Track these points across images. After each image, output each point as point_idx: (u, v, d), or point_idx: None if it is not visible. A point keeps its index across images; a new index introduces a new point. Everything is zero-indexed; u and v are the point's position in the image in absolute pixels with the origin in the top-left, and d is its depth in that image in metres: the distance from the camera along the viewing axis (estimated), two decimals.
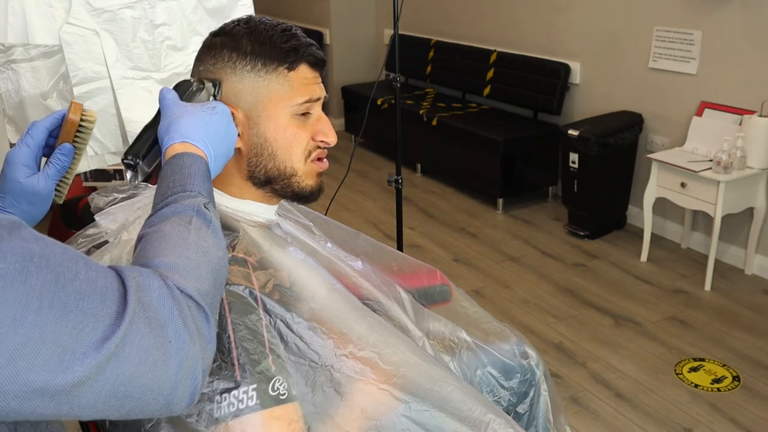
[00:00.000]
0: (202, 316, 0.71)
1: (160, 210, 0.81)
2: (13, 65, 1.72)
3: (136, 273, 0.68)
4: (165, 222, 0.78)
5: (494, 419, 1.02)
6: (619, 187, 3.73)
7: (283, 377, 0.88)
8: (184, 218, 0.79)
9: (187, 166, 0.86)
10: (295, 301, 0.95)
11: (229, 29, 1.02)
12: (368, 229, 3.85)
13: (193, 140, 0.89)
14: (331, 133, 1.05)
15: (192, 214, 0.80)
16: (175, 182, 0.84)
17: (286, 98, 1.00)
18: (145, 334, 0.64)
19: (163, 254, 0.74)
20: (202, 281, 0.74)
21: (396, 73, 2.60)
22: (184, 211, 0.80)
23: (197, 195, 0.83)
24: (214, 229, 0.81)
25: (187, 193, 0.82)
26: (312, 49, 1.02)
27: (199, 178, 0.85)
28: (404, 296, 1.26)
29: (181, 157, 0.87)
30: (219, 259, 0.79)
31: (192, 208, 0.80)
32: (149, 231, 0.78)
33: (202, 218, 0.80)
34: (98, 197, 1.14)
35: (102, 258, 1.04)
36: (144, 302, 0.66)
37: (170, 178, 0.84)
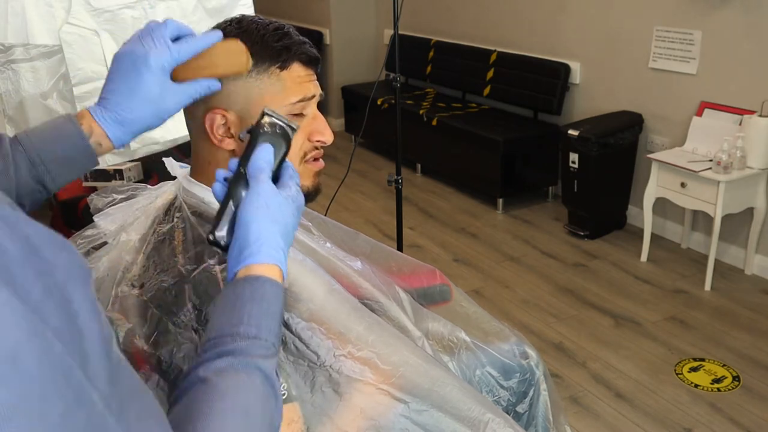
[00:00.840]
0: None
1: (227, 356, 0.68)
2: (13, 65, 1.72)
3: None
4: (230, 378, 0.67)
5: (493, 419, 1.02)
6: (619, 187, 3.73)
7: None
8: (253, 382, 0.67)
9: (267, 300, 0.73)
10: (294, 301, 0.95)
11: (222, 30, 1.01)
12: (368, 229, 3.85)
13: (281, 263, 0.77)
14: (327, 131, 1.04)
15: (262, 380, 0.68)
16: (251, 319, 0.71)
17: (278, 98, 0.99)
18: None
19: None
20: None
21: (396, 73, 2.60)
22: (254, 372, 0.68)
23: (271, 347, 0.71)
24: (278, 402, 0.70)
25: (261, 341, 0.70)
26: (304, 47, 1.01)
27: (277, 322, 0.73)
28: (403, 296, 1.26)
29: (264, 284, 0.74)
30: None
31: (263, 371, 0.68)
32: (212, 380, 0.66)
33: (270, 387, 0.68)
34: (97, 198, 1.14)
35: (100, 260, 1.04)
36: None
37: (246, 309, 0.71)
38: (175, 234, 1.00)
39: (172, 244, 0.99)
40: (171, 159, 1.08)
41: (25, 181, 0.85)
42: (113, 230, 1.07)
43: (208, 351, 0.69)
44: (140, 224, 1.06)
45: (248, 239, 0.76)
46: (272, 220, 0.77)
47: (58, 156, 0.86)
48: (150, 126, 0.91)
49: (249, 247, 0.75)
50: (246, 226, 0.77)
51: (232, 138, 1.00)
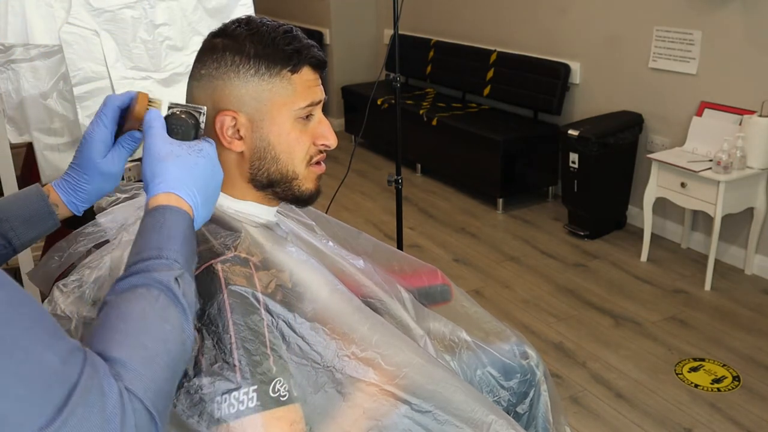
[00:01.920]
0: (149, 421, 0.67)
1: (129, 276, 0.76)
2: (13, 65, 1.72)
3: (94, 367, 0.65)
4: (130, 294, 0.74)
5: (496, 420, 1.02)
6: (619, 187, 3.73)
7: (285, 378, 0.88)
8: (151, 293, 0.74)
9: (167, 225, 0.81)
10: (298, 301, 0.95)
11: (231, 31, 1.00)
12: (368, 229, 3.85)
13: (179, 191, 0.85)
14: (332, 136, 1.05)
15: (160, 289, 0.75)
16: (152, 242, 0.79)
17: (289, 102, 1.00)
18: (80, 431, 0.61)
19: (119, 344, 0.69)
20: (157, 376, 0.70)
21: (396, 73, 2.60)
22: (152, 284, 0.75)
23: (173, 263, 0.78)
24: (182, 308, 0.76)
25: (162, 260, 0.77)
26: (314, 50, 1.02)
27: (178, 241, 0.80)
28: (405, 295, 1.26)
29: (163, 211, 0.82)
30: (182, 343, 0.75)
31: (161, 281, 0.75)
32: (113, 301, 0.74)
33: (170, 295, 0.75)
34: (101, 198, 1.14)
35: (102, 259, 1.04)
36: (91, 404, 0.62)
37: (148, 236, 0.80)
38: None
39: None
40: None
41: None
42: (114, 228, 1.07)
43: (117, 281, 0.77)
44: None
45: (145, 180, 0.87)
46: (159, 159, 0.87)
47: (21, 213, 0.97)
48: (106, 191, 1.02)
49: (146, 185, 0.86)
50: (143, 171, 0.88)
51: (241, 140, 1.00)
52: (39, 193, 0.98)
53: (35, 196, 0.98)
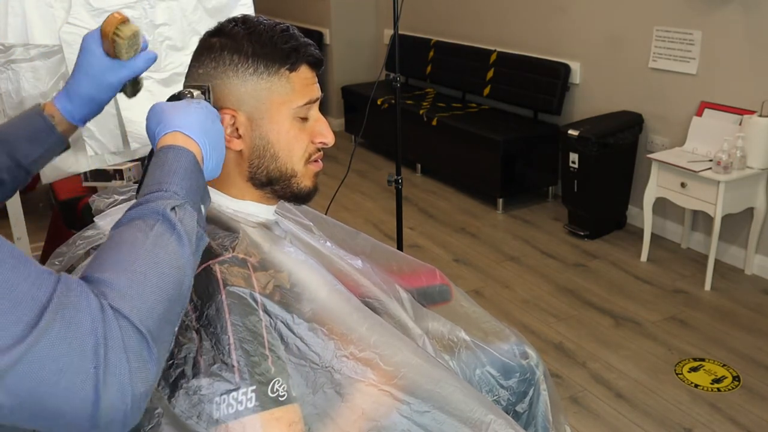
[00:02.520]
0: (140, 339, 0.66)
1: (128, 211, 0.77)
2: (13, 65, 1.72)
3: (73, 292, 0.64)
4: (127, 225, 0.75)
5: (495, 420, 1.02)
6: (619, 187, 3.73)
7: (283, 378, 0.88)
8: (147, 222, 0.74)
9: (170, 161, 0.82)
10: (296, 302, 0.95)
11: (228, 30, 1.01)
12: (368, 229, 3.85)
13: (184, 129, 0.86)
14: (329, 134, 1.06)
15: (157, 219, 0.74)
16: (154, 178, 0.80)
17: (287, 100, 1.01)
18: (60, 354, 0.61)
19: (106, 268, 0.69)
20: (145, 299, 0.69)
21: (396, 73, 2.60)
22: (149, 215, 0.75)
23: (172, 195, 0.78)
24: (178, 235, 0.75)
25: (161, 192, 0.78)
26: (311, 48, 1.03)
27: (179, 175, 0.80)
28: (403, 295, 1.26)
29: (167, 151, 0.84)
30: (177, 269, 0.73)
31: (158, 211, 0.75)
32: (110, 234, 0.75)
33: (166, 223, 0.75)
34: (99, 199, 1.14)
35: None
36: (70, 322, 0.62)
37: (151, 174, 0.81)
38: None
39: None
40: None
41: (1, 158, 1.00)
42: None
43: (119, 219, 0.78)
44: None
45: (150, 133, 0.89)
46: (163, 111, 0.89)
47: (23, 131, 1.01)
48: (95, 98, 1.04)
49: (152, 135, 0.88)
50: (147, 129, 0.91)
51: (240, 138, 1.01)
52: (36, 110, 1.03)
53: (33, 113, 1.02)
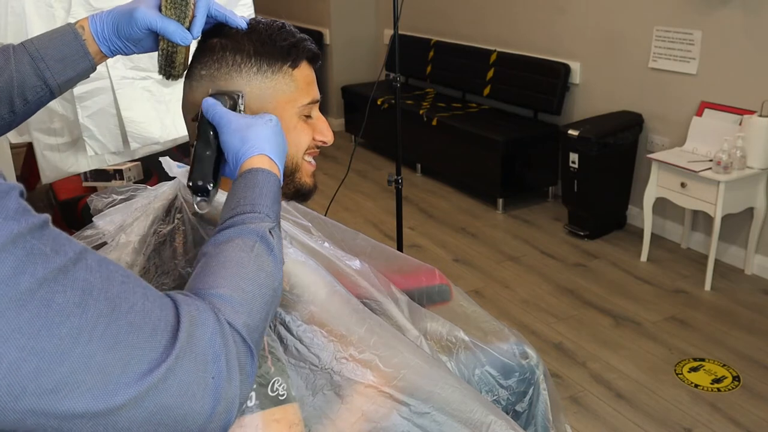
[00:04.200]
0: (247, 353, 0.71)
1: (226, 229, 0.80)
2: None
3: (192, 307, 0.68)
4: (228, 244, 0.78)
5: (495, 421, 1.02)
6: (619, 187, 3.73)
7: (283, 378, 0.88)
8: (247, 243, 0.78)
9: (260, 183, 0.85)
10: (296, 303, 0.95)
11: (227, 30, 1.01)
12: (368, 229, 3.85)
13: (270, 153, 0.89)
14: (329, 132, 1.08)
15: (255, 240, 0.79)
16: (246, 199, 0.83)
17: (292, 99, 1.01)
18: (189, 369, 0.65)
19: (219, 284, 0.73)
20: (253, 316, 0.74)
21: (396, 73, 2.60)
22: (248, 234, 0.79)
23: (265, 218, 0.82)
24: (275, 257, 0.80)
25: (256, 214, 0.81)
26: (308, 43, 1.03)
27: (270, 198, 0.84)
28: (400, 296, 1.26)
29: (256, 173, 0.86)
30: (274, 290, 0.79)
31: (257, 233, 0.79)
32: (211, 251, 0.78)
33: (265, 245, 0.79)
34: (97, 199, 1.14)
35: None
36: (194, 337, 0.66)
37: (242, 194, 0.83)
38: (176, 236, 0.99)
39: (173, 245, 0.99)
40: (168, 159, 1.08)
41: (28, 75, 0.96)
42: (112, 231, 1.07)
43: (213, 236, 0.81)
44: (140, 225, 1.05)
45: (233, 149, 0.89)
46: (245, 126, 0.90)
47: (55, 51, 0.97)
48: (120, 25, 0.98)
49: (236, 152, 0.89)
50: (225, 144, 0.90)
51: None
52: (70, 29, 0.98)
53: (67, 32, 0.98)
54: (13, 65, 0.95)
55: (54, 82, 0.97)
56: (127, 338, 0.61)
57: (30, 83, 0.96)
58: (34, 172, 2.12)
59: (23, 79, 0.95)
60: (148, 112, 1.92)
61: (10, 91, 0.95)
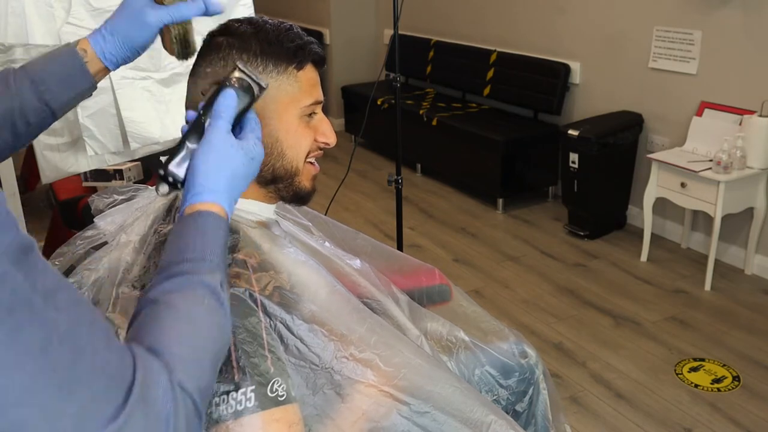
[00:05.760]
0: (196, 415, 0.69)
1: (175, 277, 0.77)
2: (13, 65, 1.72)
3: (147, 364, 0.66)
4: (178, 295, 0.75)
5: (496, 420, 1.02)
6: (619, 187, 3.73)
7: (283, 379, 0.88)
8: (198, 296, 0.76)
9: (211, 230, 0.82)
10: (296, 303, 0.95)
11: (235, 29, 1.01)
12: (368, 229, 3.85)
13: (224, 202, 0.85)
14: (332, 134, 1.07)
15: (206, 293, 0.76)
16: (196, 246, 0.80)
17: (295, 99, 1.02)
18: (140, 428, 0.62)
19: (172, 343, 0.71)
20: (204, 375, 0.72)
21: (396, 73, 2.60)
22: (199, 287, 0.76)
23: (216, 269, 0.79)
24: (225, 311, 0.78)
25: (207, 263, 0.79)
26: (314, 46, 1.04)
27: (220, 248, 0.82)
28: (401, 296, 1.26)
29: (207, 217, 0.83)
30: (223, 345, 0.77)
31: (208, 286, 0.77)
32: (160, 300, 0.74)
33: (216, 299, 0.77)
34: (98, 199, 1.14)
35: (100, 261, 1.04)
36: (147, 397, 0.64)
37: (191, 238, 0.80)
38: None
39: None
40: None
41: (29, 98, 0.95)
42: (113, 231, 1.07)
43: (158, 278, 0.77)
44: (140, 225, 1.05)
45: (194, 182, 0.85)
46: (219, 166, 0.86)
47: (56, 73, 0.96)
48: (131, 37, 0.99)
49: (194, 188, 0.85)
50: (194, 168, 0.86)
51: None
52: (70, 49, 0.98)
53: (67, 52, 0.97)
54: (14, 90, 0.94)
55: (56, 103, 0.97)
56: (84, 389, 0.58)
57: (31, 106, 0.96)
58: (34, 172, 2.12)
59: (24, 102, 0.95)
60: (148, 112, 1.92)
61: (11, 115, 0.95)
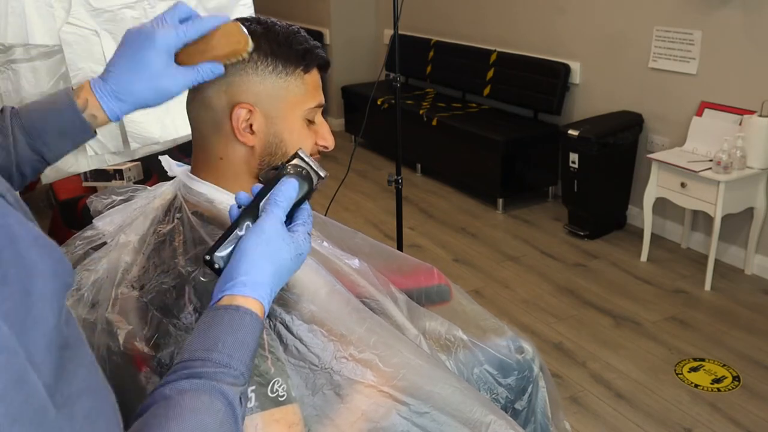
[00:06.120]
0: None
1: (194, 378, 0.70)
2: (13, 65, 1.72)
3: None
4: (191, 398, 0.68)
5: (495, 420, 1.02)
6: (619, 187, 3.73)
7: (283, 379, 0.88)
8: (213, 405, 0.68)
9: (245, 332, 0.74)
10: (295, 303, 0.95)
11: (245, 27, 1.01)
12: (368, 229, 3.85)
13: (265, 300, 0.79)
14: (331, 138, 1.09)
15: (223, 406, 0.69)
16: (225, 346, 0.72)
17: (301, 101, 1.03)
18: None
19: None
20: None
21: (396, 73, 2.60)
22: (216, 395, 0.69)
23: (239, 377, 0.72)
24: (237, 428, 0.71)
25: (232, 370, 0.71)
26: (321, 51, 1.05)
27: (250, 354, 0.75)
28: (399, 295, 1.26)
29: (244, 316, 0.75)
30: None
31: (227, 398, 0.70)
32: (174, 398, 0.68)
33: (231, 414, 0.69)
34: (97, 200, 1.14)
35: (99, 261, 1.04)
36: None
37: (222, 335, 0.73)
38: (175, 235, 0.99)
39: (173, 245, 0.99)
40: (167, 157, 1.08)
41: (24, 151, 0.89)
42: (112, 231, 1.07)
43: (178, 371, 0.71)
44: (139, 225, 1.06)
45: (239, 270, 0.78)
46: (268, 258, 0.80)
47: (53, 128, 0.90)
48: (148, 103, 0.93)
49: (238, 277, 0.78)
50: (241, 256, 0.80)
51: (253, 135, 1.02)
52: (70, 103, 0.89)
53: (68, 108, 0.89)
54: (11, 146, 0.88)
55: (51, 154, 0.91)
56: None
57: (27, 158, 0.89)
58: None
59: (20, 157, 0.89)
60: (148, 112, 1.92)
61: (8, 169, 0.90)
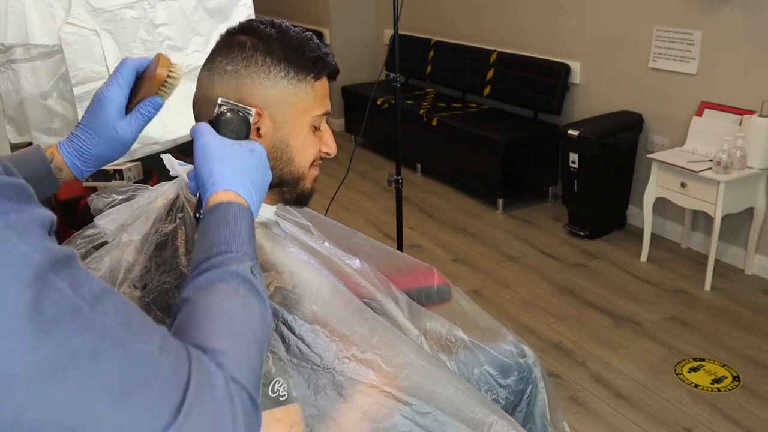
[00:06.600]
0: (252, 408, 0.68)
1: (205, 273, 0.76)
2: (13, 65, 1.72)
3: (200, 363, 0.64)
4: (211, 290, 0.74)
5: (497, 421, 1.02)
6: (619, 187, 3.73)
7: (284, 379, 0.88)
8: (230, 287, 0.74)
9: (232, 220, 0.81)
10: (297, 303, 0.95)
11: (260, 31, 1.01)
12: (368, 229, 3.85)
13: (237, 188, 0.85)
14: (334, 145, 1.10)
15: (239, 283, 0.75)
16: (220, 239, 0.78)
17: (309, 108, 1.03)
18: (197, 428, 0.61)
19: (215, 338, 0.69)
20: (253, 366, 0.71)
21: (396, 73, 2.60)
22: (230, 278, 0.75)
23: (243, 256, 0.78)
24: (261, 297, 0.76)
25: (233, 254, 0.77)
26: (331, 59, 1.06)
27: (245, 235, 0.80)
28: (400, 295, 1.26)
29: (226, 207, 0.82)
30: (266, 332, 0.76)
31: (239, 274, 0.75)
32: (194, 298, 0.73)
33: (249, 286, 0.75)
34: (98, 199, 1.14)
35: (101, 260, 1.04)
36: (204, 397, 0.63)
37: (214, 233, 0.79)
38: (177, 235, 0.99)
39: (174, 244, 0.99)
40: (169, 156, 1.08)
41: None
42: (113, 230, 1.07)
43: (190, 276, 0.77)
44: (141, 224, 1.05)
45: (202, 181, 0.86)
46: (216, 159, 0.87)
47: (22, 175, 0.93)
48: (113, 158, 1.01)
49: (203, 185, 0.86)
50: (198, 172, 0.87)
51: (261, 138, 1.02)
52: (41, 157, 0.96)
53: (37, 160, 0.96)
54: None
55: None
56: (138, 393, 0.57)
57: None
58: None
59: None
60: None
61: None
